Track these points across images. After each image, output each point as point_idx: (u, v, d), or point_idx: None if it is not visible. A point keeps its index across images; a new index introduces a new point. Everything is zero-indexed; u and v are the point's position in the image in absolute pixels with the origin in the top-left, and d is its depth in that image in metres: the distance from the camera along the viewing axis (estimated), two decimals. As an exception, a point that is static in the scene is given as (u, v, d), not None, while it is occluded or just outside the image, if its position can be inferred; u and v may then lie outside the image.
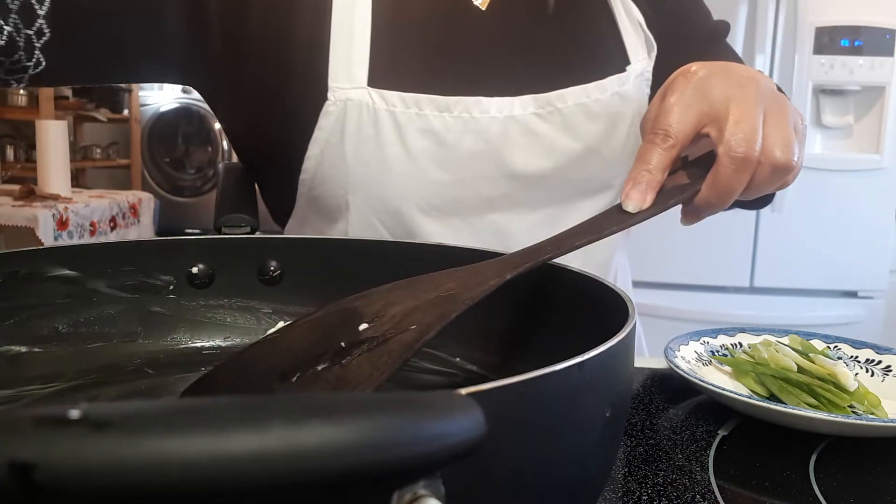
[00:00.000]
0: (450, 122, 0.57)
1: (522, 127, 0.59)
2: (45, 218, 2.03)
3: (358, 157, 0.57)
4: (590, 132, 0.60)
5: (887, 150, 1.84)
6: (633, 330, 0.31)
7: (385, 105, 0.55)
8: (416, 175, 0.58)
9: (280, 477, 0.13)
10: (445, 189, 0.59)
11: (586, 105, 0.60)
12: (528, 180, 0.60)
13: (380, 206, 0.59)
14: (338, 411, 0.14)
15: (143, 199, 2.67)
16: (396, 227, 0.60)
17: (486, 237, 0.61)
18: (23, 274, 0.44)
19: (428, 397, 0.16)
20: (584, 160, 0.61)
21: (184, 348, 0.49)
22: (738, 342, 0.58)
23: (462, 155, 0.58)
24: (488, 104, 0.57)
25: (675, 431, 0.47)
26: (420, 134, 0.57)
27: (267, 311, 0.51)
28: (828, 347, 0.57)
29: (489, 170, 0.59)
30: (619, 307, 0.34)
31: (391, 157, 0.57)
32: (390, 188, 0.58)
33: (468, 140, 0.57)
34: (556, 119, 0.59)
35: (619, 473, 0.40)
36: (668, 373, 0.58)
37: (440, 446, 0.15)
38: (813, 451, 0.44)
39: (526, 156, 0.59)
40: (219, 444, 0.13)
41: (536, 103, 0.59)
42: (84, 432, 0.12)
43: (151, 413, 0.13)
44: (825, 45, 1.81)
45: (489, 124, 0.58)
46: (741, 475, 0.41)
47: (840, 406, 0.48)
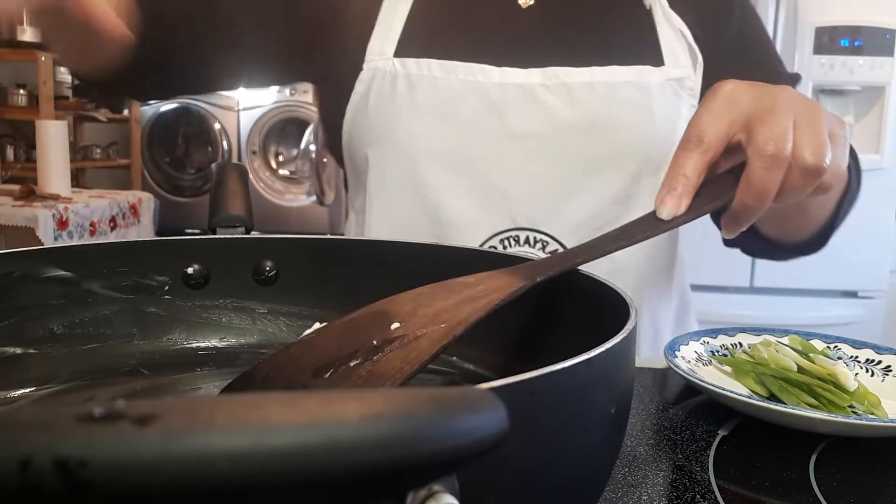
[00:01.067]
0: (455, 83, 0.63)
1: (525, 93, 0.63)
2: (45, 218, 2.02)
3: (377, 113, 0.65)
4: (593, 109, 0.63)
5: (887, 150, 1.84)
6: (636, 328, 0.31)
7: (403, 70, 0.64)
8: (422, 127, 0.64)
9: (321, 471, 0.13)
10: (450, 143, 0.64)
11: (592, 85, 0.63)
12: (528, 143, 0.64)
13: (392, 157, 0.66)
14: (372, 406, 0.14)
15: (143, 199, 2.67)
16: (406, 179, 0.65)
17: (489, 196, 0.64)
18: (17, 275, 0.44)
19: (454, 392, 0.16)
20: (586, 134, 0.63)
21: (179, 349, 0.49)
22: (738, 342, 0.58)
23: (464, 111, 0.63)
24: (492, 71, 0.63)
25: (675, 431, 0.47)
26: (428, 91, 0.64)
27: (262, 312, 0.50)
28: (828, 347, 0.57)
29: (489, 128, 0.64)
30: (620, 306, 0.34)
31: (402, 110, 0.64)
32: (401, 137, 0.64)
33: (470, 100, 0.63)
34: (561, 91, 0.63)
35: (619, 473, 0.40)
36: (668, 373, 0.58)
37: (468, 441, 0.15)
38: (813, 451, 0.44)
39: (523, 118, 0.63)
40: (263, 438, 0.13)
41: (544, 75, 0.63)
42: (128, 428, 0.12)
43: (193, 407, 0.13)
44: (825, 45, 1.81)
45: (491, 88, 0.63)
46: (741, 475, 0.41)
47: (840, 406, 0.48)
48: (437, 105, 0.64)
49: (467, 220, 0.65)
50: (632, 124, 0.64)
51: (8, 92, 3.31)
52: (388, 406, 0.15)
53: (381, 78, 0.65)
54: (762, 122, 0.42)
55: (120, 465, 0.12)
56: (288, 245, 0.51)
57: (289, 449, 0.13)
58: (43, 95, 3.09)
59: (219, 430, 0.13)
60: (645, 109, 0.64)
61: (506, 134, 0.64)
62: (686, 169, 0.42)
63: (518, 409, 0.23)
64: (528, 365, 0.25)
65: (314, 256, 0.51)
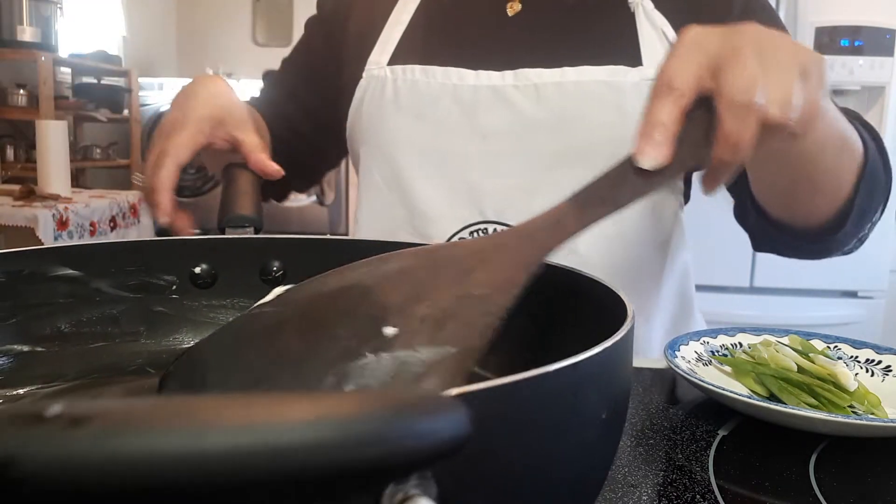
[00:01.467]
0: (432, 85, 0.69)
1: (496, 94, 0.68)
2: (45, 218, 2.02)
3: (368, 115, 0.72)
4: (560, 108, 0.66)
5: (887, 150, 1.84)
6: (631, 331, 0.30)
7: (391, 76, 0.71)
8: (403, 126, 0.70)
9: (256, 474, 0.13)
10: (426, 140, 0.69)
11: (561, 84, 0.66)
12: (496, 141, 0.67)
13: (378, 154, 0.72)
14: (317, 409, 0.14)
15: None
16: (388, 174, 0.71)
17: (460, 190, 0.69)
18: (26, 273, 0.44)
19: (411, 396, 0.16)
20: (552, 131, 0.66)
21: (186, 348, 0.49)
22: (738, 342, 0.58)
23: (439, 111, 0.69)
24: (468, 74, 0.68)
25: (675, 431, 0.47)
26: (408, 94, 0.70)
27: None
28: (828, 347, 0.57)
29: (462, 127, 0.68)
30: (619, 308, 0.34)
31: (388, 111, 0.70)
32: (385, 135, 0.71)
33: (445, 100, 0.69)
34: (530, 91, 0.67)
35: (619, 473, 0.40)
36: (668, 373, 0.58)
37: (421, 445, 0.15)
38: (813, 451, 0.44)
39: (492, 117, 0.67)
40: (195, 441, 0.13)
41: (515, 77, 0.67)
42: (61, 428, 0.12)
43: (129, 409, 0.13)
44: (825, 45, 1.81)
45: (465, 89, 0.68)
46: (741, 475, 0.41)
47: (840, 406, 0.48)
48: (416, 105, 0.69)
49: (440, 212, 0.69)
50: (600, 122, 0.65)
51: (8, 92, 3.30)
52: (333, 409, 0.14)
53: (374, 84, 0.72)
54: (729, 68, 0.40)
55: (50, 463, 0.12)
56: (295, 245, 0.51)
57: (220, 453, 0.13)
58: (43, 95, 3.09)
59: (152, 432, 0.13)
60: (616, 108, 0.65)
61: (477, 132, 0.68)
62: (661, 116, 0.39)
63: (497, 413, 0.23)
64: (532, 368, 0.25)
65: (321, 257, 0.51)
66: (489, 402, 0.22)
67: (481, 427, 0.22)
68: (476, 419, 0.21)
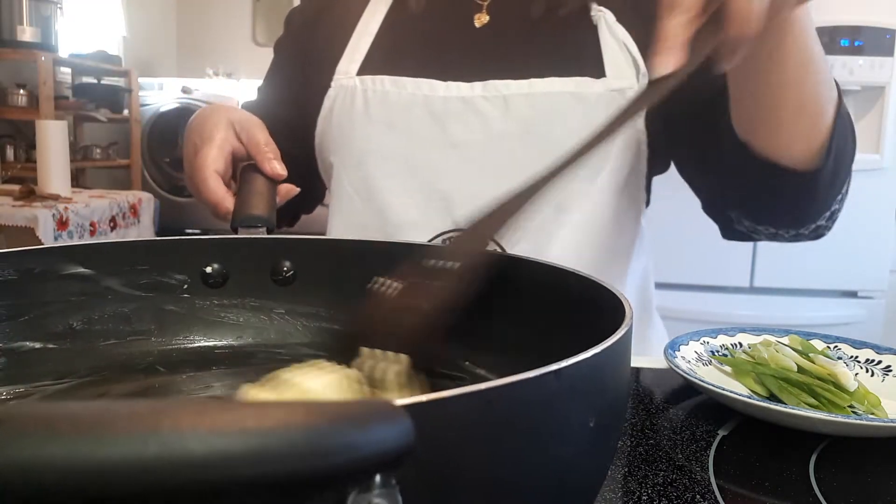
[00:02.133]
0: (403, 96, 0.70)
1: (466, 105, 0.69)
2: (45, 218, 2.02)
3: (338, 124, 0.73)
4: (528, 118, 0.67)
5: (887, 150, 1.84)
6: (627, 335, 0.29)
7: (361, 86, 0.72)
8: (374, 136, 0.71)
9: (161, 486, 0.13)
10: (397, 150, 0.70)
11: (529, 95, 0.68)
12: (466, 151, 0.69)
13: (349, 164, 0.73)
14: (237, 419, 0.14)
15: (143, 199, 2.67)
16: (360, 183, 0.72)
17: (432, 199, 0.70)
18: (38, 271, 0.44)
19: (348, 406, 0.16)
20: (520, 141, 0.68)
21: (196, 347, 0.49)
22: (738, 342, 0.58)
23: (410, 121, 0.70)
24: (438, 85, 0.70)
25: (675, 431, 0.47)
26: (379, 104, 0.71)
27: (280, 311, 0.51)
28: (828, 347, 0.57)
29: (432, 137, 0.69)
30: (619, 312, 0.34)
31: (358, 121, 0.72)
32: (356, 144, 0.72)
33: (416, 110, 0.70)
34: (499, 102, 0.68)
35: (619, 473, 0.40)
36: (668, 373, 0.58)
37: (350, 458, 0.15)
38: (813, 451, 0.44)
39: (462, 127, 0.69)
40: (98, 450, 0.12)
41: (485, 88, 0.69)
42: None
43: (36, 416, 0.13)
44: (825, 45, 1.80)
45: (435, 100, 0.70)
46: (741, 475, 0.41)
47: (840, 406, 0.48)
48: (387, 116, 0.71)
49: (412, 220, 0.70)
50: (567, 131, 0.66)
51: (8, 92, 3.30)
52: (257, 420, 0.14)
53: (343, 94, 0.73)
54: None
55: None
56: (306, 245, 0.51)
57: (123, 463, 0.12)
58: (43, 95, 3.09)
59: (55, 442, 0.12)
60: (581, 118, 0.67)
61: (447, 142, 0.69)
62: (673, 31, 0.41)
63: (474, 420, 0.22)
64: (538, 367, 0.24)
65: (332, 257, 0.51)
66: (467, 409, 0.22)
67: (452, 435, 0.22)
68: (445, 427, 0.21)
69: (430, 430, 0.18)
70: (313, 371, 0.32)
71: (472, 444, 0.23)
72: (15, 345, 0.44)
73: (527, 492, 0.25)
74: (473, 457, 0.23)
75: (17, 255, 0.44)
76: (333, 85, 0.74)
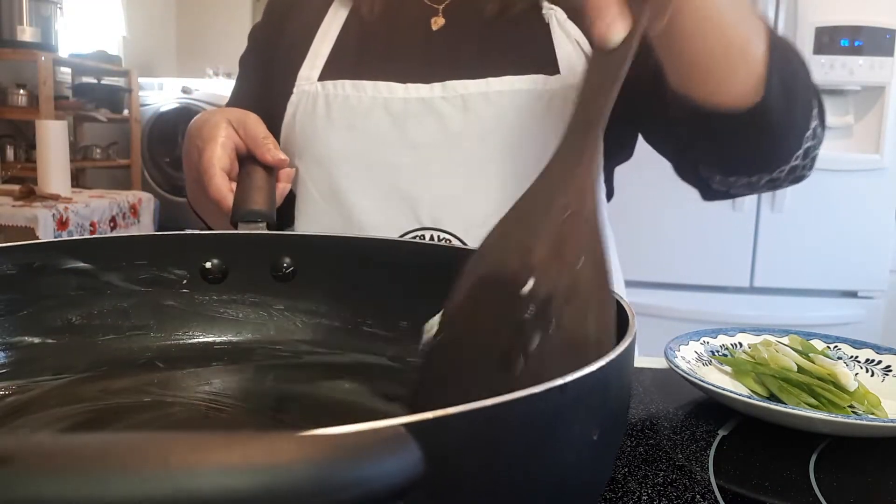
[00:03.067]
0: (364, 99, 0.71)
1: (426, 106, 0.70)
2: (45, 218, 2.02)
3: (301, 129, 0.74)
4: (485, 117, 0.68)
5: (887, 150, 1.84)
6: (631, 346, 0.29)
7: (323, 91, 0.73)
8: (336, 139, 0.72)
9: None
10: (359, 152, 0.71)
11: (486, 94, 0.69)
12: (426, 151, 0.70)
13: (313, 168, 0.73)
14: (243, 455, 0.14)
15: (143, 199, 2.67)
16: (324, 186, 0.73)
17: (395, 199, 0.71)
18: (37, 266, 0.44)
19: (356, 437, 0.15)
20: (479, 139, 0.69)
21: (195, 343, 0.49)
22: (738, 342, 0.58)
23: (370, 125, 0.71)
24: (398, 87, 0.71)
25: (675, 431, 0.47)
26: (340, 108, 0.72)
27: (279, 308, 0.51)
28: (828, 347, 0.57)
29: (393, 138, 0.70)
30: (622, 321, 0.33)
31: (320, 125, 0.73)
32: (319, 148, 0.73)
33: (376, 113, 0.71)
34: (458, 102, 0.69)
35: (619, 473, 0.40)
36: (668, 373, 0.58)
37: (361, 492, 0.14)
38: (813, 451, 0.44)
39: (422, 128, 0.70)
40: (107, 490, 0.12)
41: (444, 89, 0.70)
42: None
43: (43, 453, 0.13)
44: (825, 45, 1.81)
45: (395, 102, 0.71)
46: (741, 475, 0.41)
47: (840, 406, 0.48)
48: (349, 119, 0.72)
49: (377, 221, 0.71)
50: (524, 129, 0.68)
51: (8, 92, 3.30)
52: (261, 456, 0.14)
53: (305, 99, 0.74)
54: None
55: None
56: (306, 242, 0.51)
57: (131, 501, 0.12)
58: (43, 95, 3.09)
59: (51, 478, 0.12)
60: (538, 115, 0.68)
61: (408, 143, 0.70)
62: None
63: (477, 437, 0.21)
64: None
65: (332, 254, 0.51)
66: (470, 426, 0.21)
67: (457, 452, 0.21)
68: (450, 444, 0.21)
69: (435, 448, 0.18)
70: None
71: (475, 460, 0.22)
72: (14, 339, 0.44)
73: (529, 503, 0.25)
74: (476, 471, 0.22)
75: (17, 249, 0.44)
76: (295, 91, 0.75)
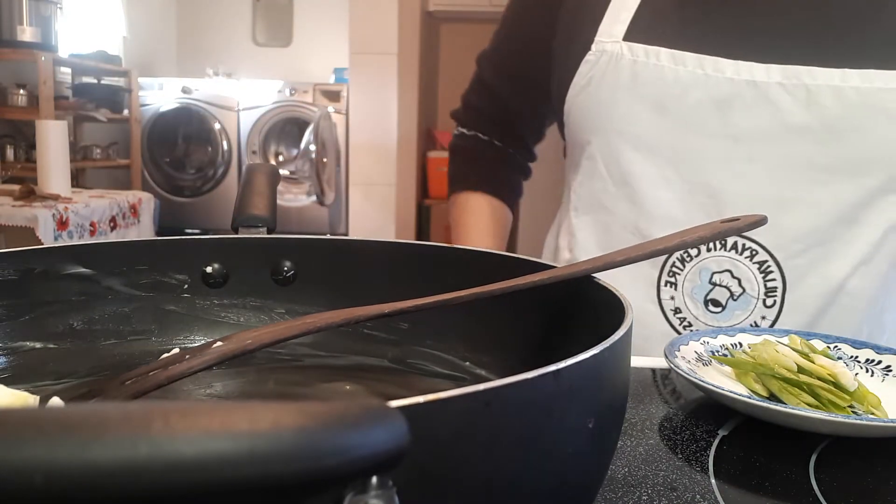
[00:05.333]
0: (682, 74, 0.60)
1: (759, 93, 0.58)
2: (45, 218, 2.02)
3: (597, 98, 0.63)
4: (834, 115, 0.57)
5: (887, 150, 1.84)
6: (627, 335, 0.29)
7: (630, 55, 0.61)
8: (642, 119, 0.62)
9: (151, 488, 0.13)
10: (669, 137, 0.61)
11: (840, 89, 0.57)
12: (750, 145, 0.59)
13: (606, 142, 0.64)
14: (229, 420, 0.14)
15: (143, 199, 2.67)
16: (613, 166, 0.64)
17: (698, 193, 0.61)
18: (38, 271, 0.44)
19: (342, 408, 0.15)
20: (820, 141, 0.58)
21: (197, 347, 0.49)
22: (738, 342, 0.58)
23: (685, 106, 0.60)
24: (726, 64, 0.59)
25: (675, 431, 0.47)
26: (652, 80, 0.61)
27: (280, 311, 0.51)
28: (828, 347, 0.57)
29: (711, 126, 0.60)
30: (619, 311, 0.33)
31: (621, 98, 0.62)
32: (616, 124, 0.63)
33: (695, 93, 0.59)
34: (800, 93, 0.57)
35: (619, 473, 0.40)
36: (668, 373, 0.58)
37: (343, 460, 0.14)
38: (813, 451, 0.44)
39: (750, 117, 0.59)
40: (87, 451, 0.12)
41: (784, 74, 0.58)
42: None
43: (24, 417, 0.13)
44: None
45: (720, 83, 0.59)
46: (741, 475, 0.41)
47: (840, 406, 0.48)
48: (659, 96, 0.61)
49: (672, 216, 0.62)
50: (878, 137, 0.57)
51: (8, 92, 3.31)
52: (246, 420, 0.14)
53: (606, 61, 0.62)
54: None
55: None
56: (306, 245, 0.51)
57: (110, 466, 0.12)
58: (43, 95, 3.09)
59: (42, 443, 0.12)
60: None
61: (728, 133, 0.60)
62: None
63: (472, 422, 0.22)
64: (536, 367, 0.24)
65: (333, 257, 0.51)
66: (464, 410, 0.22)
67: (449, 436, 0.22)
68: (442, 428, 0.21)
69: (427, 431, 0.18)
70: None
71: (470, 445, 0.23)
72: (15, 345, 0.44)
73: (526, 492, 0.25)
74: (472, 458, 0.23)
75: (18, 255, 0.44)
76: (594, 49, 0.63)
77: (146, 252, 0.48)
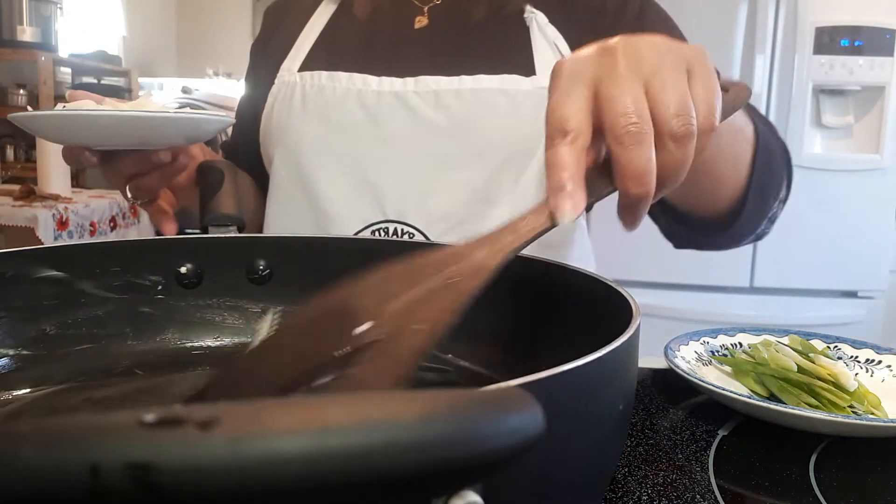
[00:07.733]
0: (338, 90, 0.73)
1: (399, 100, 0.72)
2: (45, 218, 2.02)
3: (277, 118, 0.76)
4: (456, 113, 0.70)
5: (887, 150, 1.84)
6: (638, 331, 0.31)
7: (300, 81, 0.75)
8: (308, 129, 0.74)
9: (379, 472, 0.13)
10: (330, 142, 0.73)
11: (459, 91, 0.70)
12: (397, 144, 0.71)
13: (285, 155, 0.75)
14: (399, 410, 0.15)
15: (143, 199, 2.66)
16: (294, 174, 0.75)
17: (363, 190, 0.73)
18: (10, 275, 0.44)
19: (488, 393, 0.16)
20: (448, 135, 0.71)
21: (173, 348, 0.48)
22: (738, 342, 0.58)
23: (343, 116, 0.73)
24: (372, 80, 0.73)
25: (675, 431, 0.47)
26: (315, 98, 0.74)
27: (256, 311, 0.51)
28: (828, 347, 0.57)
29: (365, 130, 0.72)
30: (622, 306, 0.34)
31: (295, 114, 0.74)
32: (292, 137, 0.74)
33: (349, 104, 0.73)
34: (430, 98, 0.71)
35: (619, 473, 0.40)
36: (668, 373, 0.58)
37: (512, 442, 0.15)
38: (813, 451, 0.44)
39: (394, 121, 0.71)
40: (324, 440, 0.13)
41: (417, 84, 0.72)
42: (193, 432, 0.13)
43: (254, 411, 0.14)
44: (825, 45, 1.81)
45: (368, 94, 0.72)
46: (741, 475, 0.41)
47: (840, 406, 0.48)
48: (323, 109, 0.73)
49: (343, 211, 0.72)
50: (493, 127, 0.70)
51: (8, 92, 3.30)
52: (439, 406, 0.15)
53: (284, 90, 0.76)
54: (608, 94, 0.36)
55: (189, 468, 0.12)
56: (281, 244, 0.51)
57: (349, 450, 0.13)
58: (43, 95, 3.09)
59: (281, 433, 0.13)
60: (509, 114, 0.69)
61: (379, 135, 0.72)
62: (563, 163, 0.35)
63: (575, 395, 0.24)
64: (527, 361, 0.25)
65: (307, 255, 0.51)
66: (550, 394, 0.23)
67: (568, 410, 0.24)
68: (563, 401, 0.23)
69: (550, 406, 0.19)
70: None
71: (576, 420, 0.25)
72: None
73: (571, 472, 0.27)
74: (574, 433, 0.25)
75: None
76: (276, 82, 0.77)
77: (118, 254, 0.47)
